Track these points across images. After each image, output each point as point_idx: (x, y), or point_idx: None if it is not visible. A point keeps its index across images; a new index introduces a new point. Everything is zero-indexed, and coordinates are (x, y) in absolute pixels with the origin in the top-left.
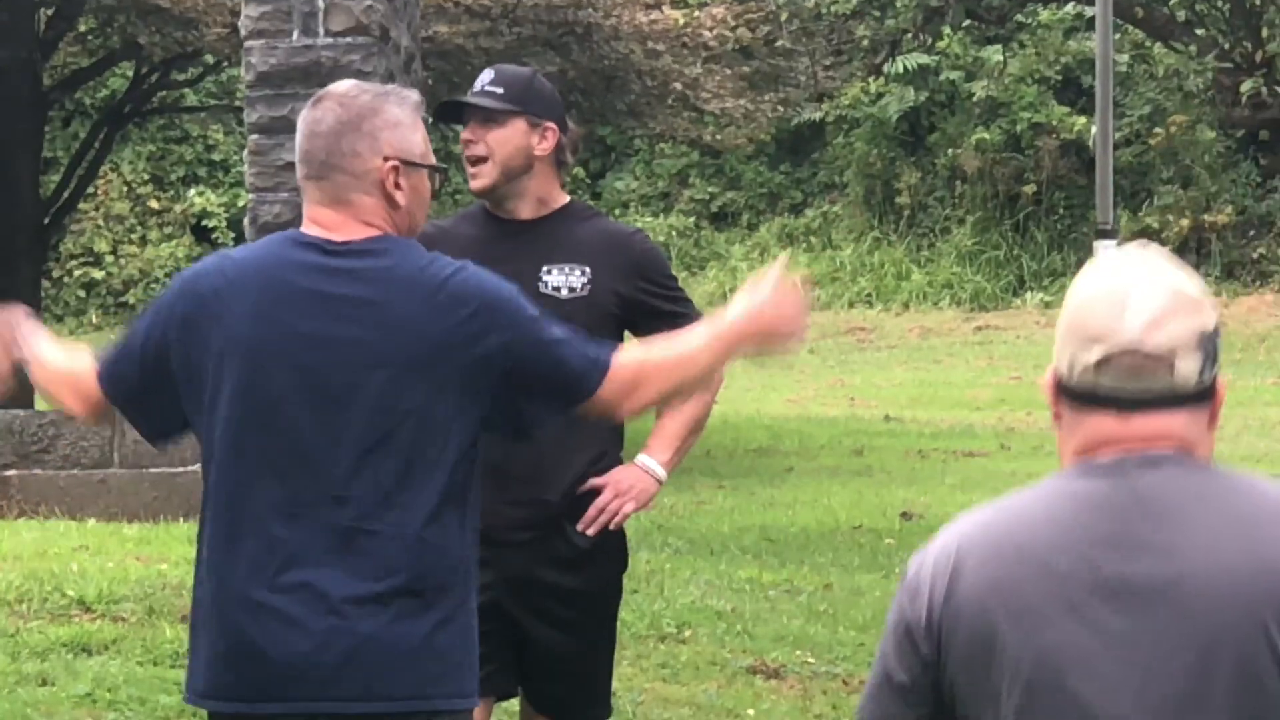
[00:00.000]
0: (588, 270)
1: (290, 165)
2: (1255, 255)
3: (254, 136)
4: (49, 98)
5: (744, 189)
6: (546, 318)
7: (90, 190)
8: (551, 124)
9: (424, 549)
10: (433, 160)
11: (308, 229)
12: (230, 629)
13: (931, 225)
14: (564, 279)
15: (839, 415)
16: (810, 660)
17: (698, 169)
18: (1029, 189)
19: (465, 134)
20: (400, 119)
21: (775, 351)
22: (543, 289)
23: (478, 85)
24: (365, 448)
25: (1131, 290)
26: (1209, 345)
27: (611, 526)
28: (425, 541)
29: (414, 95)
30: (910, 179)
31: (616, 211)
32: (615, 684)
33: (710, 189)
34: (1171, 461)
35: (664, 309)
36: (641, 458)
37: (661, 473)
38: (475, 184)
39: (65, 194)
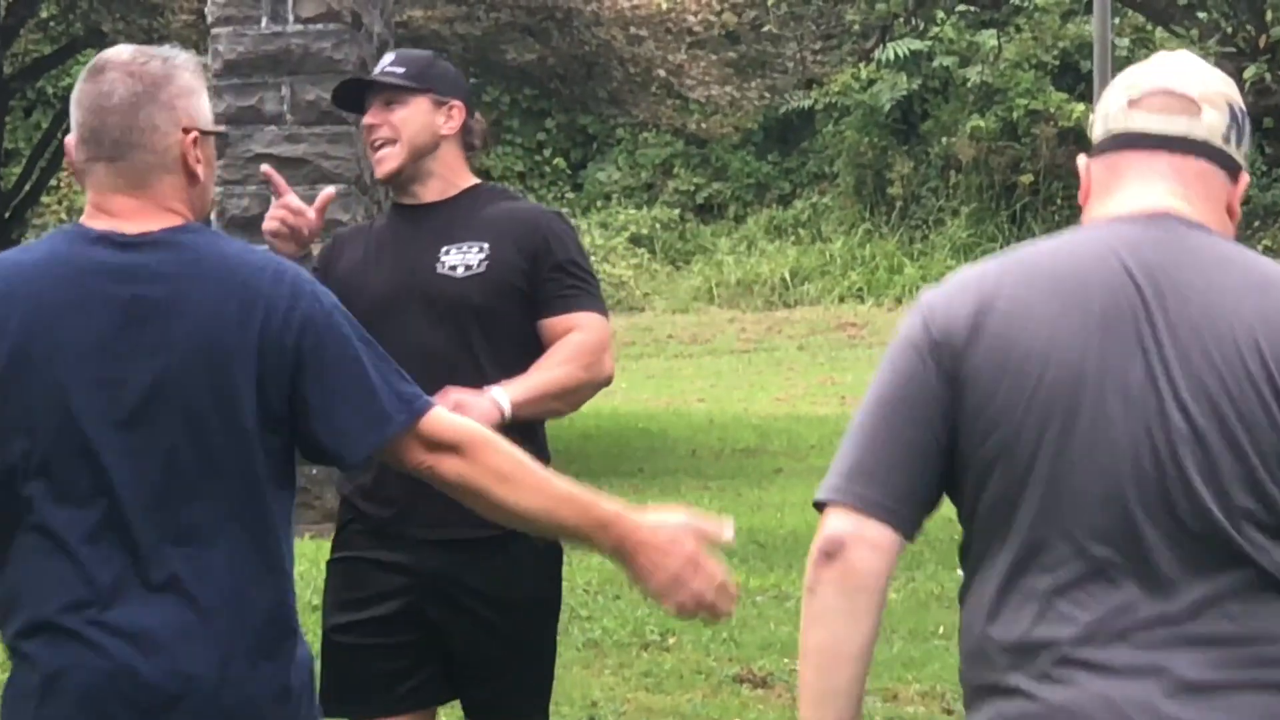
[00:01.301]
0: (486, 247)
1: (260, 157)
2: (1260, 248)
3: (221, 127)
4: (10, 87)
5: (730, 180)
6: (366, 342)
7: (53, 183)
8: (457, 102)
9: (243, 578)
10: (218, 125)
11: (95, 220)
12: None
13: (925, 217)
14: (461, 258)
15: (830, 414)
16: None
17: (682, 159)
18: (1026, 179)
19: (368, 118)
20: (193, 85)
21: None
22: (439, 269)
23: (377, 69)
24: (172, 467)
25: (1166, 59)
26: (1238, 115)
27: None
28: (244, 570)
29: (193, 57)
30: (903, 169)
31: (598, 203)
32: (597, 694)
33: (695, 180)
34: (1198, 226)
35: (557, 291)
36: (493, 389)
37: (507, 406)
38: (381, 169)
39: (27, 187)
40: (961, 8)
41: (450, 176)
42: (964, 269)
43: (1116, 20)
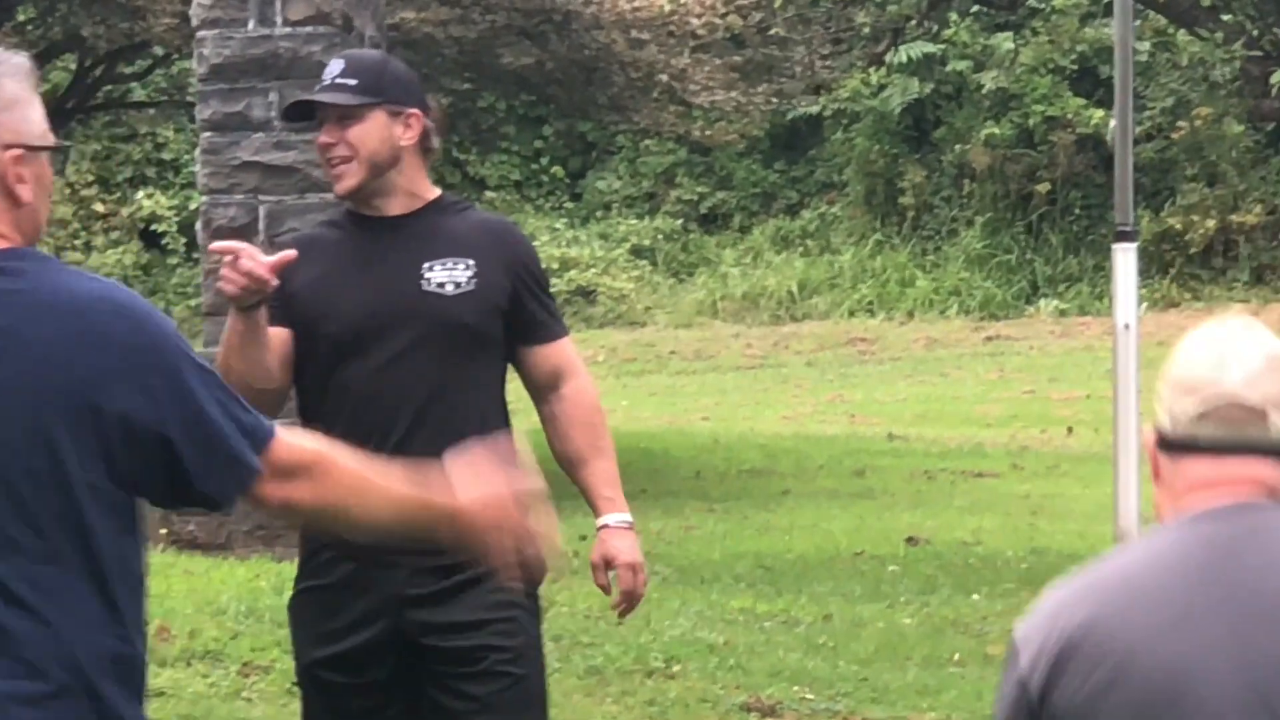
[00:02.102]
0: (472, 263)
1: (248, 165)
2: None
3: (206, 134)
4: None
5: (735, 189)
6: (205, 373)
7: None
8: (414, 110)
9: (75, 637)
10: (53, 139)
11: None
12: None
13: (938, 227)
14: (448, 274)
15: (839, 433)
16: (809, 696)
17: (685, 167)
18: (1043, 188)
19: (323, 136)
20: (17, 95)
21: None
22: (426, 286)
23: (326, 78)
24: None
25: (1232, 350)
26: None
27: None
28: (76, 629)
29: (24, 61)
30: (914, 177)
31: (598, 214)
32: None
33: (699, 189)
34: (1269, 507)
35: (540, 316)
36: (611, 516)
37: (630, 519)
38: (341, 186)
39: None
40: (976, 9)
41: (413, 188)
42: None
43: (1138, 23)
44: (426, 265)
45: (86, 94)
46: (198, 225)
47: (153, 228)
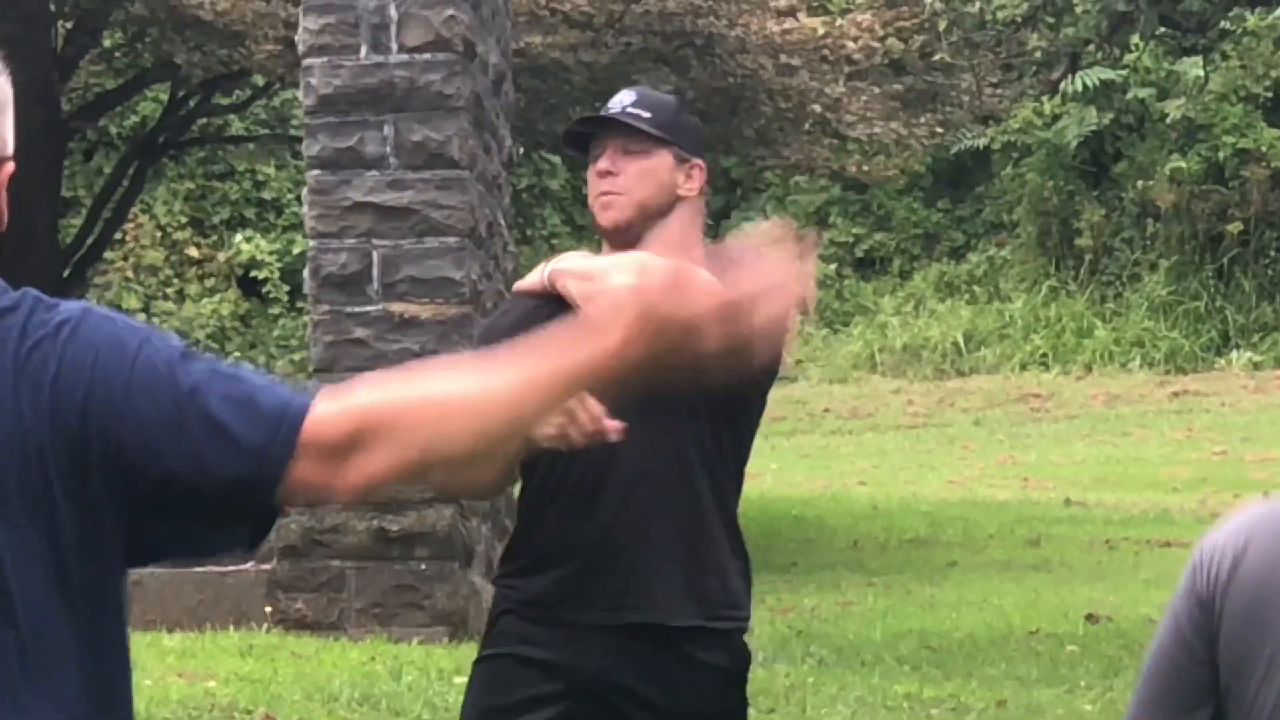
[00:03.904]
0: None
1: (360, 206)
2: None
3: (314, 172)
4: (69, 126)
5: (895, 230)
6: (195, 359)
7: (118, 236)
8: (700, 162)
9: None
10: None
11: None
12: None
13: (1118, 272)
14: None
15: (1010, 499)
16: None
17: (840, 206)
18: (1234, 228)
19: (603, 162)
20: (7, 98)
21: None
22: None
23: (615, 105)
24: None
25: None
26: None
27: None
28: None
29: None
30: (1092, 217)
31: None
32: None
33: (855, 230)
34: None
35: None
36: None
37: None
38: (606, 216)
39: (89, 241)
40: (1161, 32)
41: (685, 246)
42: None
43: None
44: None
45: (180, 127)
46: (305, 272)
47: (252, 274)
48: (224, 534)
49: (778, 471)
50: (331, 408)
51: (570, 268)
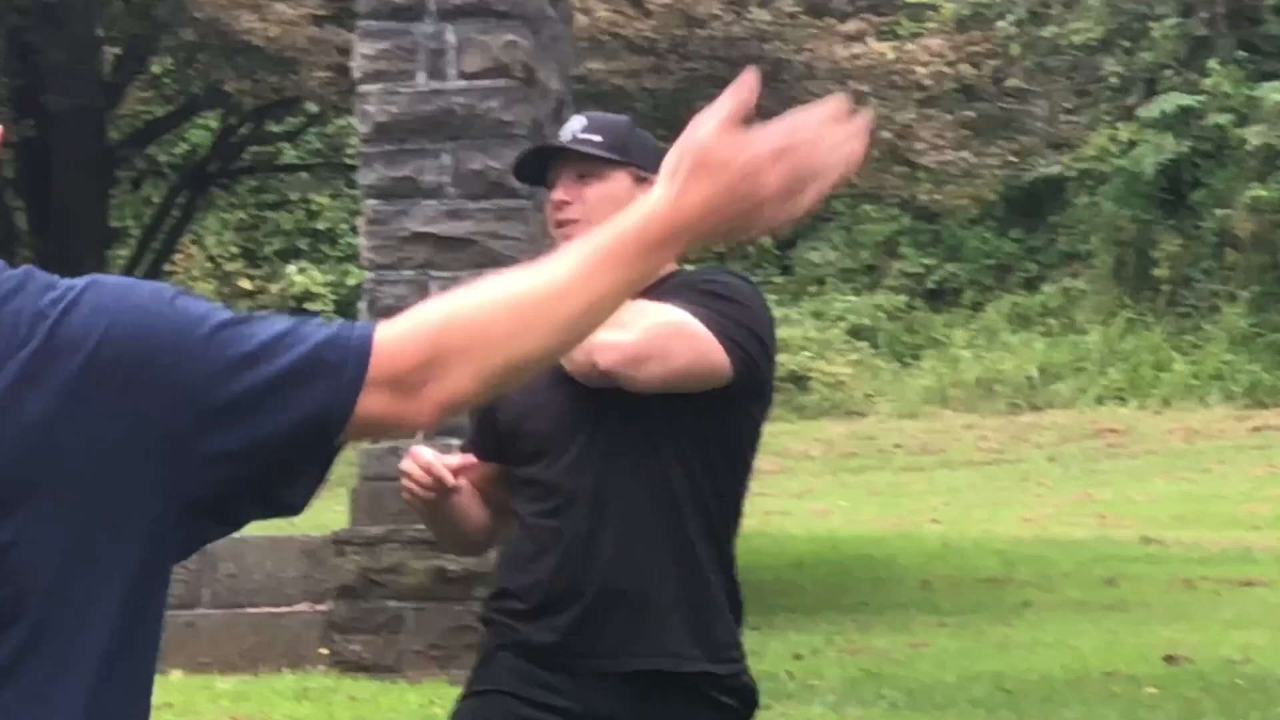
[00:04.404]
0: None
1: (417, 236)
2: None
3: (370, 202)
4: (117, 154)
5: (966, 260)
6: (239, 320)
7: (167, 267)
8: None
9: None
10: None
11: None
12: None
13: (1196, 303)
14: None
15: (1086, 537)
16: None
17: (909, 236)
18: None
19: (558, 192)
20: None
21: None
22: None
23: (567, 134)
24: None
25: None
26: None
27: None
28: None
29: None
30: (1169, 246)
31: (811, 289)
32: None
33: (925, 260)
34: None
35: None
36: None
37: None
38: None
39: (137, 273)
40: (1240, 56)
41: None
42: None
43: None
44: None
45: (231, 155)
46: (361, 304)
47: (306, 306)
48: (280, 491)
49: (847, 509)
50: (396, 332)
51: None
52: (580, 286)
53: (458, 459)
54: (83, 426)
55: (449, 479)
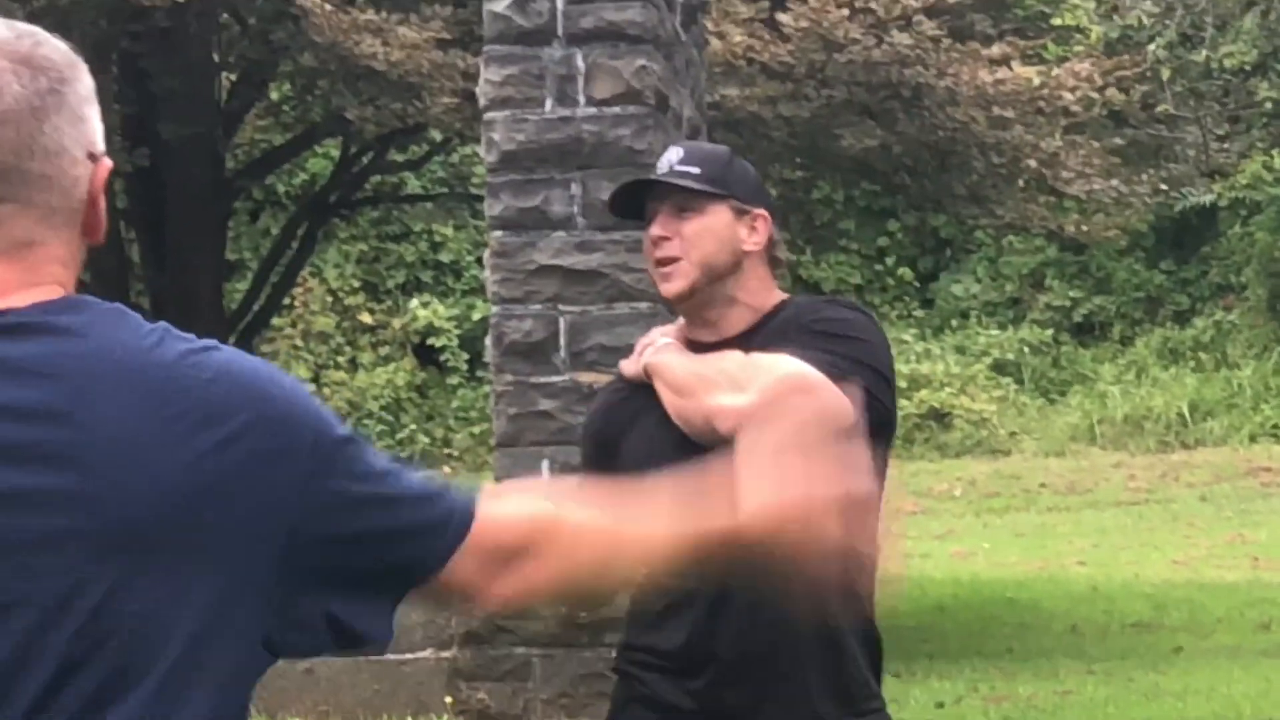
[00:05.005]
0: None
1: (546, 269)
2: None
3: (496, 233)
4: (234, 185)
5: (1115, 293)
6: (362, 440)
7: (286, 301)
8: (761, 211)
9: None
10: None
11: None
12: None
13: None
14: None
15: (1240, 580)
16: None
17: (1056, 268)
18: None
19: (655, 229)
20: (92, 87)
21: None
22: None
23: (663, 165)
24: (53, 674)
25: None
26: None
27: None
28: None
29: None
30: None
31: (953, 323)
32: None
33: (1072, 293)
34: None
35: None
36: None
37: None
38: (668, 287)
39: (255, 306)
40: None
41: (754, 301)
42: None
43: None
44: None
45: (352, 185)
46: (487, 340)
47: (429, 342)
48: (364, 622)
49: (990, 551)
50: (502, 511)
51: (668, 372)
52: (663, 554)
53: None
54: (222, 496)
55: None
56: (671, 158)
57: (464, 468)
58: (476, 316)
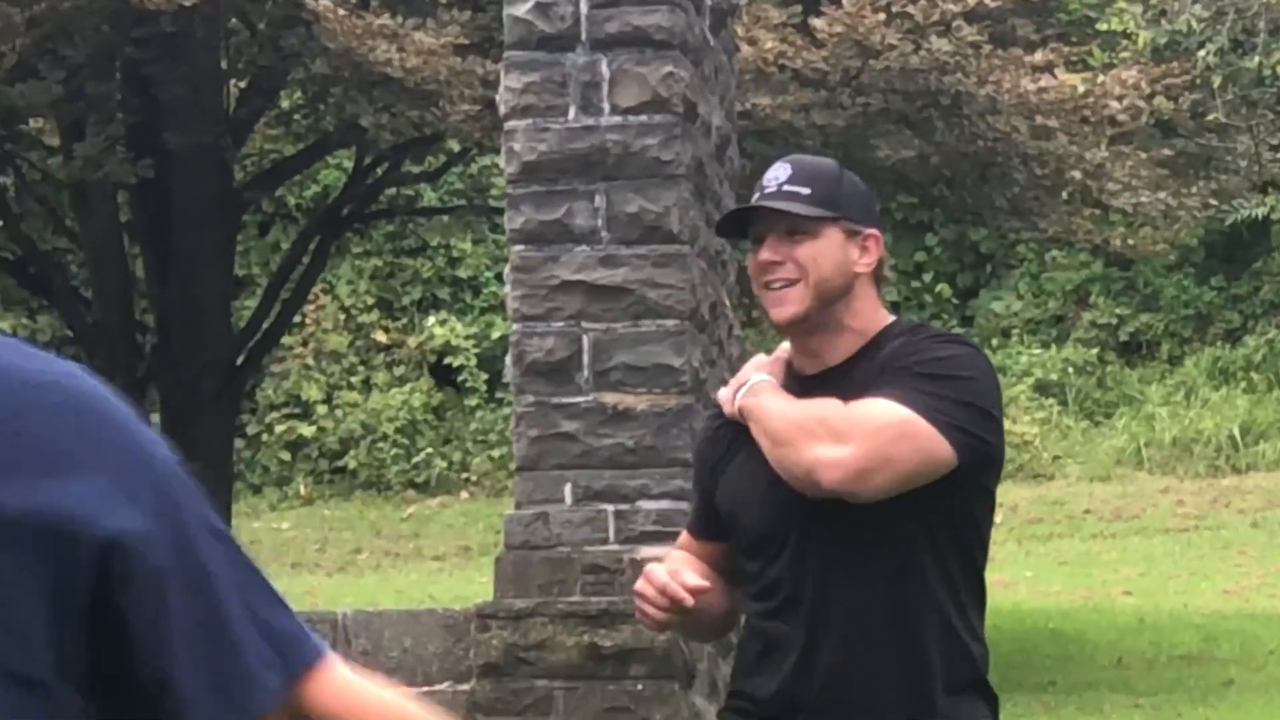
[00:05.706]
0: None
1: (568, 285)
2: None
3: (517, 247)
4: (242, 197)
5: (1163, 310)
6: (222, 534)
7: (297, 319)
8: (874, 232)
9: None
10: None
11: None
12: None
13: None
14: None
15: None
16: None
17: (1102, 283)
18: None
19: (765, 253)
20: None
21: None
22: None
23: (770, 183)
24: None
25: None
26: None
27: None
28: None
29: None
30: None
31: (994, 341)
32: None
33: (1119, 310)
34: None
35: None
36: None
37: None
38: (780, 312)
39: (265, 324)
40: None
41: (862, 325)
42: None
43: None
44: None
45: (366, 198)
46: (507, 359)
47: (446, 361)
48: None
49: (1033, 580)
50: (332, 688)
51: (766, 420)
52: None
53: (694, 579)
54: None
55: (687, 600)
56: (779, 175)
57: (482, 493)
58: (496, 335)
